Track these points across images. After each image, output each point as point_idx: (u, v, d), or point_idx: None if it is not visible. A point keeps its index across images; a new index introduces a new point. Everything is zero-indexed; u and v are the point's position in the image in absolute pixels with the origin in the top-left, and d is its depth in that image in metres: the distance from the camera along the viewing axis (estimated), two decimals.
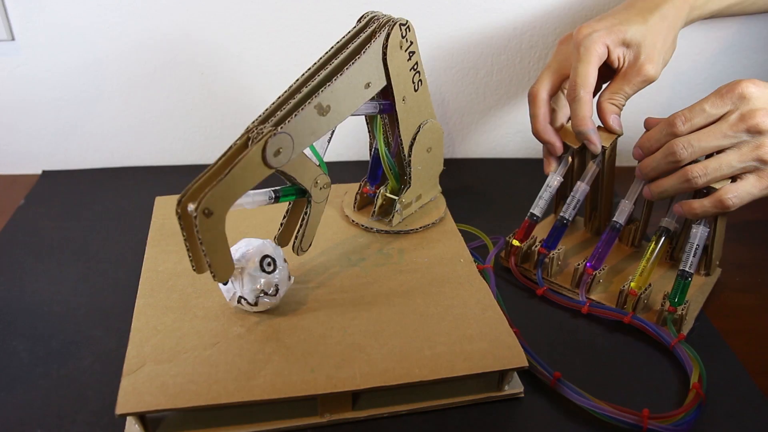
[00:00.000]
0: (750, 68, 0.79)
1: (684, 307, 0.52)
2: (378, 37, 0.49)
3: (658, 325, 0.52)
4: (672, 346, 0.50)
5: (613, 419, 0.44)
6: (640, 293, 0.53)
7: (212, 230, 0.41)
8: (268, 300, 0.47)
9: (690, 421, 0.44)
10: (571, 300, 0.56)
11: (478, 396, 0.46)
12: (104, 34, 0.70)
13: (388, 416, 0.45)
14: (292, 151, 0.44)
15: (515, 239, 0.59)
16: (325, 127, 0.47)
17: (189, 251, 0.43)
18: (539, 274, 0.58)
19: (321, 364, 0.44)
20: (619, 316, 0.53)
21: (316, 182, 0.48)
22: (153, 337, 0.46)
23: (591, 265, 0.56)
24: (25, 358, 0.49)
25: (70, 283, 0.57)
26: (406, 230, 0.59)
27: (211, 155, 0.80)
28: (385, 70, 0.51)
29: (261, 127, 0.43)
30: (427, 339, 0.46)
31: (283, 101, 0.46)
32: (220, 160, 0.42)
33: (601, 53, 0.55)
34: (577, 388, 0.46)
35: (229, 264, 0.44)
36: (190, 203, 0.40)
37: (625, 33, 0.56)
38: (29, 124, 0.75)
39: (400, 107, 0.54)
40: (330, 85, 0.46)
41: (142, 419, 0.41)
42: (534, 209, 0.59)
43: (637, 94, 0.58)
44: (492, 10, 0.73)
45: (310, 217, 0.49)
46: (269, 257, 0.47)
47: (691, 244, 0.54)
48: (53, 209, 0.69)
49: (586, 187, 0.58)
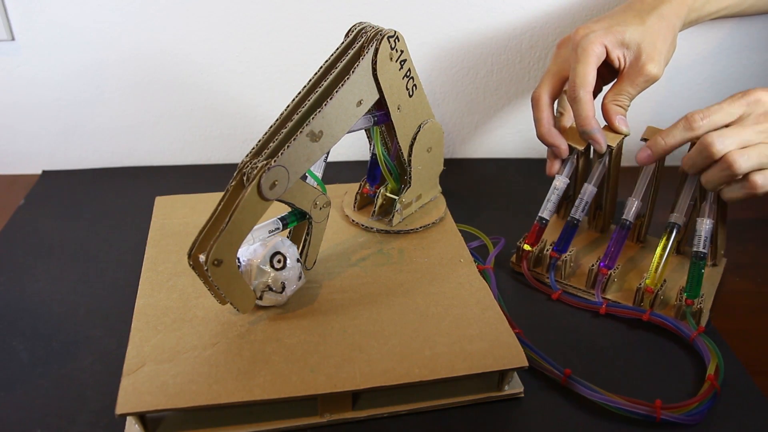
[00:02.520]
0: (750, 68, 0.79)
1: (700, 299, 0.53)
2: (366, 54, 0.48)
3: (676, 319, 0.53)
4: (692, 339, 0.51)
5: (626, 411, 0.45)
6: (656, 290, 0.53)
7: (225, 275, 0.44)
8: (273, 296, 0.47)
9: (703, 411, 0.45)
10: (587, 301, 0.56)
11: (478, 396, 0.46)
12: (104, 34, 0.70)
13: (388, 416, 0.45)
14: (288, 182, 0.45)
15: (526, 243, 0.59)
16: (319, 152, 0.47)
17: (209, 290, 0.45)
18: (552, 278, 0.57)
19: (321, 364, 0.44)
20: (637, 314, 0.53)
21: (315, 203, 0.48)
22: (153, 337, 0.46)
23: (605, 264, 0.56)
24: (25, 358, 0.49)
25: (70, 283, 0.57)
26: (406, 230, 0.59)
27: (211, 155, 0.80)
28: (376, 85, 0.50)
29: (254, 162, 0.44)
30: (427, 339, 0.46)
31: (275, 131, 0.46)
32: (221, 204, 0.44)
33: (599, 53, 0.56)
34: (590, 384, 0.46)
35: (248, 296, 0.46)
36: (200, 254, 0.43)
37: (624, 34, 0.56)
38: (29, 124, 0.75)
39: (395, 116, 0.54)
40: (321, 111, 0.46)
41: (142, 419, 0.41)
42: (543, 213, 0.59)
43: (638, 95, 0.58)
44: (492, 11, 0.73)
45: (312, 237, 0.50)
46: (280, 254, 0.47)
47: (699, 234, 0.54)
48: (53, 209, 0.69)
49: (593, 189, 0.58)
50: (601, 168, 0.58)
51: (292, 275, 0.48)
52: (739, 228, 0.68)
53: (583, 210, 0.58)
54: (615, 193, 0.62)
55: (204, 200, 0.63)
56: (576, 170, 0.61)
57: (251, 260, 0.46)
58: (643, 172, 0.58)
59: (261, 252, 0.46)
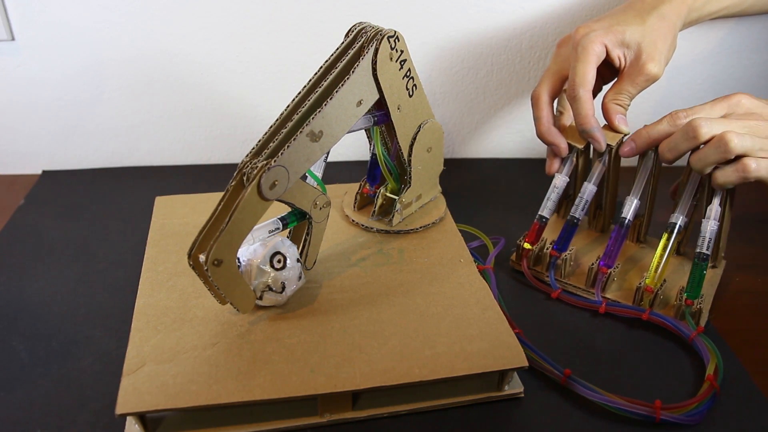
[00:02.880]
0: (750, 68, 0.79)
1: (700, 300, 0.53)
2: (366, 54, 0.48)
3: (676, 319, 0.53)
4: (691, 339, 0.51)
5: (626, 412, 0.45)
6: (656, 289, 0.53)
7: (225, 276, 0.44)
8: (273, 296, 0.47)
9: (702, 412, 0.45)
10: (587, 300, 0.56)
11: (478, 396, 0.46)
12: (104, 34, 0.70)
13: (388, 416, 0.45)
14: (288, 182, 0.45)
15: (526, 242, 0.59)
16: (319, 152, 0.47)
17: (209, 290, 0.45)
18: (552, 276, 0.57)
19: (321, 364, 0.44)
20: (636, 314, 0.53)
21: (315, 203, 0.48)
22: (153, 337, 0.46)
23: (604, 263, 0.56)
24: (25, 358, 0.49)
25: (70, 283, 0.57)
26: (406, 230, 0.59)
27: (211, 155, 0.80)
28: (376, 85, 0.50)
29: (254, 162, 0.44)
30: (427, 339, 0.46)
31: (275, 131, 0.46)
32: (221, 203, 0.44)
33: (599, 52, 0.56)
34: (589, 384, 0.46)
35: (248, 296, 0.46)
36: (200, 254, 0.43)
37: (624, 33, 0.56)
38: (29, 124, 0.75)
39: (395, 116, 0.53)
40: (321, 111, 0.46)
41: (142, 419, 0.41)
42: (543, 211, 0.59)
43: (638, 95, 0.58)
44: (492, 11, 0.73)
45: (312, 237, 0.50)
46: (280, 254, 0.47)
47: (703, 235, 0.54)
48: (53, 209, 0.69)
49: (593, 188, 0.58)
50: (601, 167, 0.58)
51: (292, 275, 0.48)
52: (740, 228, 0.68)
53: (583, 209, 0.58)
54: (615, 193, 0.62)
55: (204, 200, 0.63)
56: (576, 169, 0.61)
57: (251, 260, 0.46)
58: (641, 172, 0.58)
59: (261, 252, 0.46)
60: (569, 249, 0.58)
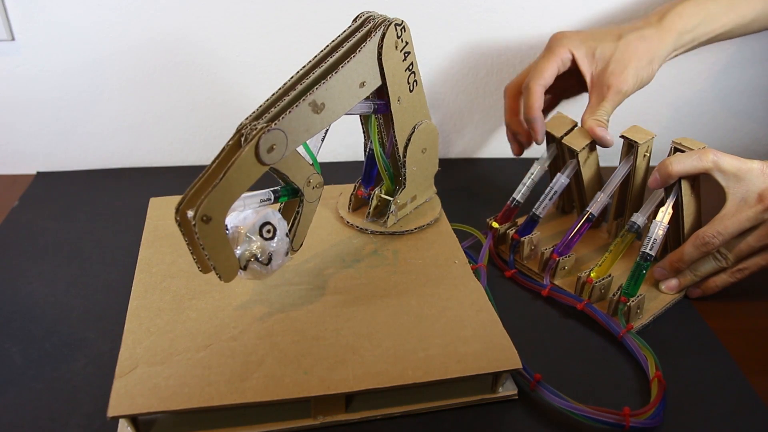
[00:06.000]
0: (755, 80, 0.79)
1: (636, 299, 0.53)
2: (373, 37, 0.49)
3: (608, 314, 0.53)
4: (621, 336, 0.51)
5: (593, 420, 0.44)
6: (595, 282, 0.54)
7: (213, 235, 0.41)
8: (258, 267, 0.45)
9: (661, 411, 0.45)
10: (535, 282, 0.58)
11: (472, 398, 0.46)
12: (104, 34, 0.70)
13: (381, 418, 0.45)
14: (285, 148, 0.44)
15: (495, 221, 0.63)
16: (319, 125, 0.47)
17: (192, 254, 0.43)
18: (512, 258, 0.60)
19: (314, 366, 0.44)
20: (573, 302, 0.55)
21: (309, 181, 0.48)
22: (146, 339, 0.45)
23: (558, 251, 0.58)
24: (17, 360, 0.49)
25: (64, 284, 0.57)
26: (401, 231, 0.59)
27: (211, 155, 0.78)
28: (380, 70, 0.51)
29: (254, 124, 0.43)
30: (421, 341, 0.46)
31: (277, 98, 0.46)
32: (215, 162, 0.42)
33: (564, 58, 0.60)
34: (558, 391, 0.46)
35: (233, 264, 0.44)
36: (189, 210, 0.40)
37: (595, 48, 0.60)
38: (28, 124, 0.74)
39: (395, 107, 0.53)
40: (325, 83, 0.46)
41: (134, 422, 0.41)
42: (516, 195, 0.62)
43: (639, 107, 0.58)
44: (492, 10, 0.73)
45: (302, 216, 0.49)
46: (270, 224, 0.45)
47: (650, 236, 0.54)
48: (47, 210, 0.69)
49: (565, 180, 0.60)
50: (575, 162, 0.60)
51: (280, 248, 0.46)
52: None
53: (551, 199, 0.60)
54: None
55: None
56: (578, 169, 0.61)
57: (239, 227, 0.45)
58: (616, 171, 0.59)
59: (251, 219, 0.45)
60: (533, 233, 0.60)
